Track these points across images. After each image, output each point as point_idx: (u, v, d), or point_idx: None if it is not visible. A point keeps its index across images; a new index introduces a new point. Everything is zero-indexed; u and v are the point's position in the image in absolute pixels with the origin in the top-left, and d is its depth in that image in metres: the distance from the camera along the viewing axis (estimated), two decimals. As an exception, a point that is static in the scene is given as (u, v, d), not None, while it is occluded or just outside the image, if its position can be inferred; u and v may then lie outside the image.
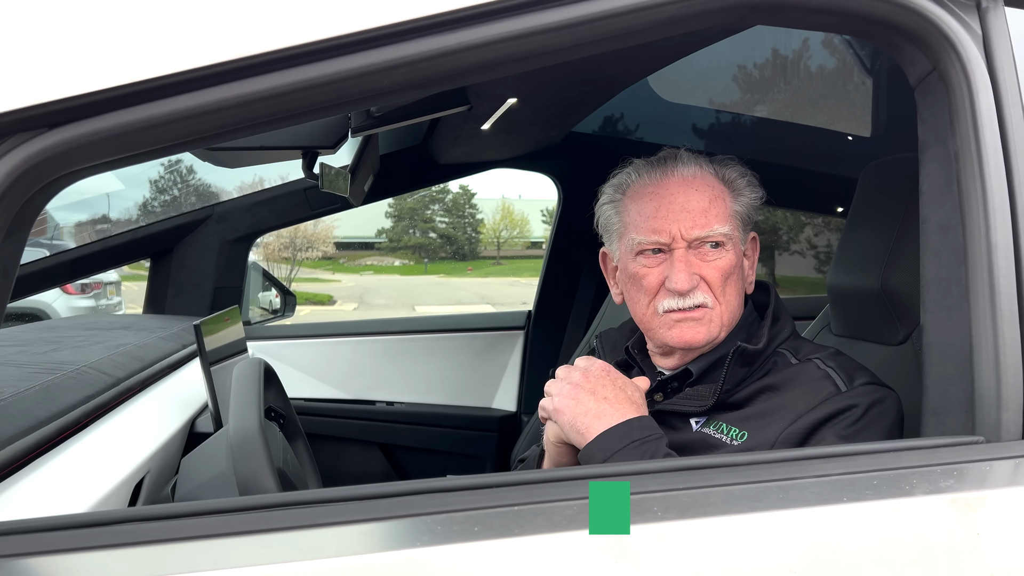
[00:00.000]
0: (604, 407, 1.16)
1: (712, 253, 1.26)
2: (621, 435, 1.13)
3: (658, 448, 1.13)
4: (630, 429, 1.13)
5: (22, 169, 0.84)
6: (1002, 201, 1.00)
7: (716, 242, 1.25)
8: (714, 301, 1.26)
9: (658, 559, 0.80)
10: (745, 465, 0.91)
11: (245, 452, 1.18)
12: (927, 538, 0.86)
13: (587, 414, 1.16)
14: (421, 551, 0.77)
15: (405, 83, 0.94)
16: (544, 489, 0.85)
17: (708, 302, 1.26)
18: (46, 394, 1.33)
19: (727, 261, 1.26)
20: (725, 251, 1.26)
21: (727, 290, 1.27)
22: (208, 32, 0.86)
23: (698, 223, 1.25)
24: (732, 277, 1.27)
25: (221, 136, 0.94)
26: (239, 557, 0.78)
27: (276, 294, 3.54)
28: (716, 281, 1.25)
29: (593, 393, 1.18)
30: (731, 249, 1.27)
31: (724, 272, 1.26)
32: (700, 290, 1.25)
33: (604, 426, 1.14)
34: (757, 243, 1.36)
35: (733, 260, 1.27)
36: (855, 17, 1.05)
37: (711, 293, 1.26)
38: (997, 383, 0.96)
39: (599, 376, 1.20)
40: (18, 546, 0.77)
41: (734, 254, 1.27)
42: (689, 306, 1.26)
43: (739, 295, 1.30)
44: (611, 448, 1.12)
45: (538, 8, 0.93)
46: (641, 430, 1.14)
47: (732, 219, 1.28)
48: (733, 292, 1.28)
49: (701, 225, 1.25)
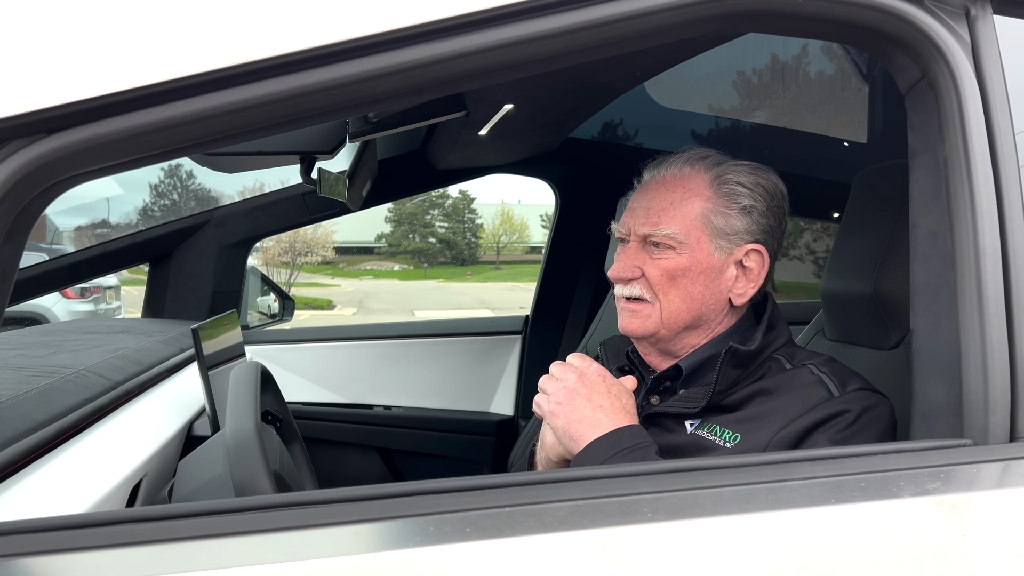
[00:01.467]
0: (599, 416, 1.19)
1: (656, 252, 1.28)
2: (611, 444, 1.15)
3: (647, 455, 1.15)
4: (619, 438, 1.16)
5: (21, 174, 0.85)
6: (990, 207, 1.01)
7: (658, 242, 1.28)
8: (652, 297, 1.29)
9: (647, 560, 0.81)
10: (734, 467, 0.92)
11: (241, 455, 1.19)
12: (914, 540, 0.87)
13: (581, 421, 1.19)
14: (414, 551, 0.78)
15: (401, 89, 0.95)
16: (535, 491, 0.86)
17: (646, 296, 1.29)
18: (44, 397, 1.34)
19: (673, 263, 1.27)
20: (674, 253, 1.27)
21: (670, 291, 1.28)
22: (205, 38, 0.87)
23: (649, 221, 1.29)
24: (682, 280, 1.27)
25: (218, 142, 0.95)
26: (234, 557, 0.79)
27: (274, 298, 3.55)
28: (656, 279, 1.28)
29: (589, 400, 1.20)
30: (683, 253, 1.27)
31: (667, 272, 1.27)
32: (639, 283, 1.29)
33: (597, 435, 1.17)
34: (762, 259, 1.30)
35: (683, 264, 1.27)
36: (845, 25, 1.06)
37: (649, 289, 1.29)
38: (984, 387, 0.98)
39: (595, 382, 1.22)
40: (16, 546, 0.78)
41: (688, 258, 1.27)
42: (627, 295, 1.31)
43: (694, 300, 1.28)
44: (601, 456, 1.14)
45: (531, 16, 0.94)
46: (631, 438, 1.16)
47: (696, 224, 1.27)
48: (680, 295, 1.28)
49: (651, 224, 1.28)
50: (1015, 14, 1.10)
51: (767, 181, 1.31)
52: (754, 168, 1.32)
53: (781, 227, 1.34)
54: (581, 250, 3.48)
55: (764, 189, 1.30)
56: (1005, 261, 1.00)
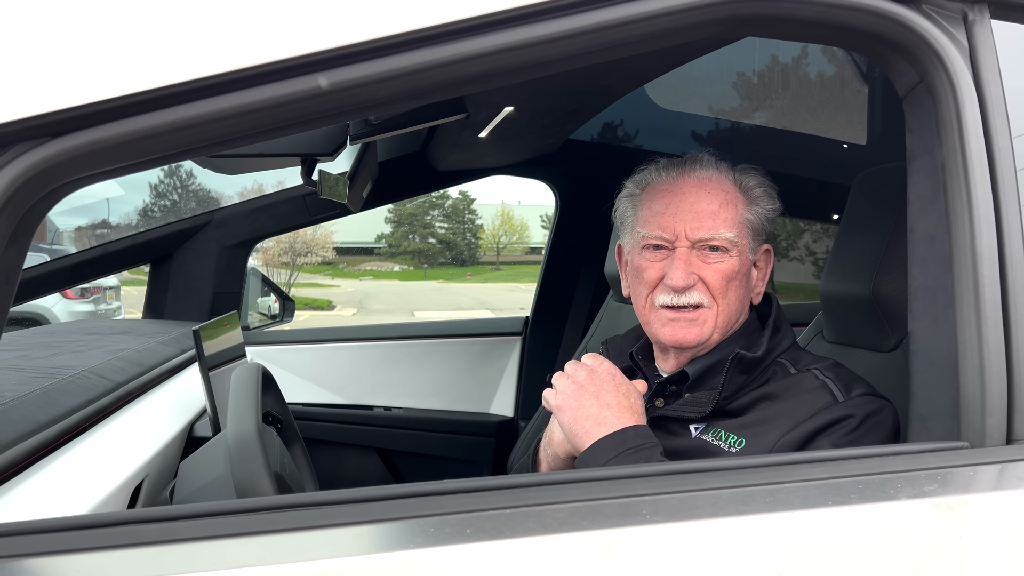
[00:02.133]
0: (605, 414, 1.19)
1: (713, 256, 1.28)
2: (616, 443, 1.16)
3: (652, 456, 1.15)
4: (625, 437, 1.16)
5: (25, 178, 0.85)
6: (987, 211, 1.02)
7: (718, 246, 1.27)
8: (711, 302, 1.28)
9: (647, 561, 0.81)
10: (733, 469, 0.93)
11: (243, 456, 1.19)
12: (911, 542, 0.88)
13: (588, 419, 1.19)
14: (414, 552, 0.79)
15: (401, 94, 0.95)
16: (535, 492, 0.87)
17: (705, 302, 1.28)
18: (46, 398, 1.35)
19: (729, 266, 1.28)
20: (728, 256, 1.28)
21: (727, 294, 1.28)
22: (207, 44, 0.88)
23: (704, 225, 1.27)
24: (734, 283, 1.29)
25: (220, 145, 0.95)
26: (235, 558, 0.79)
27: (275, 299, 3.55)
28: (715, 283, 1.27)
29: (596, 397, 1.21)
30: (735, 255, 1.28)
31: (725, 275, 1.27)
32: (697, 290, 1.28)
33: (602, 433, 1.17)
34: (771, 256, 1.37)
35: (736, 266, 1.28)
36: (844, 29, 1.06)
37: (709, 294, 1.28)
38: (982, 389, 0.98)
39: (604, 380, 1.23)
40: (18, 547, 0.78)
41: (738, 260, 1.28)
42: (684, 304, 1.28)
43: (740, 301, 1.31)
44: (606, 455, 1.15)
45: (531, 21, 0.94)
46: (636, 438, 1.16)
47: (741, 226, 1.30)
48: (734, 297, 1.29)
49: (707, 228, 1.27)
50: (1012, 19, 1.11)
51: (768, 182, 1.35)
52: (755, 170, 1.35)
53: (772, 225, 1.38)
54: (581, 251, 3.48)
55: (763, 190, 1.34)
56: (1002, 264, 1.01)
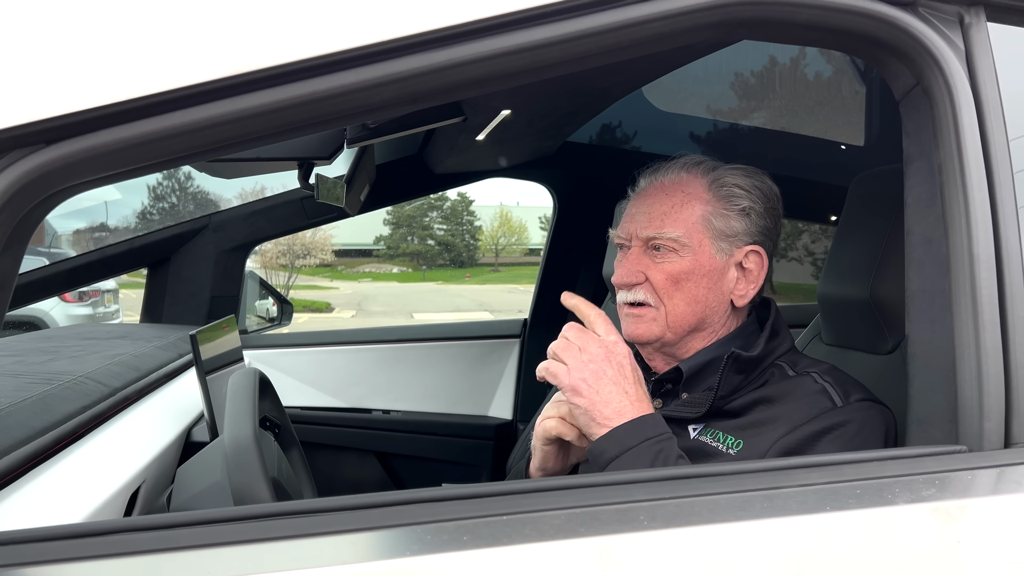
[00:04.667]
0: (625, 404, 1.15)
1: (659, 256, 1.29)
2: (637, 431, 1.13)
3: (671, 449, 1.13)
4: (644, 426, 1.13)
5: (20, 184, 0.85)
6: (984, 214, 1.02)
7: (661, 245, 1.29)
8: (657, 301, 1.29)
9: (644, 568, 0.81)
10: (731, 474, 0.93)
11: (239, 462, 1.19)
12: (909, 547, 0.88)
13: (608, 405, 1.14)
14: (411, 560, 0.78)
15: (397, 99, 0.95)
16: (532, 499, 0.87)
17: (650, 301, 1.30)
18: (43, 405, 1.34)
19: (676, 266, 1.28)
20: (677, 256, 1.28)
21: (675, 294, 1.28)
22: (202, 50, 0.88)
23: (652, 225, 1.30)
24: (686, 283, 1.28)
25: (215, 151, 0.95)
26: (232, 567, 0.79)
27: (273, 303, 3.55)
28: (659, 283, 1.29)
29: (615, 384, 1.15)
30: (687, 256, 1.28)
31: (670, 276, 1.28)
32: (643, 288, 1.30)
33: (621, 421, 1.14)
34: (762, 260, 1.32)
35: (686, 267, 1.28)
36: (840, 32, 1.06)
37: (654, 293, 1.29)
38: (979, 393, 0.98)
39: (623, 365, 1.17)
40: (13, 556, 0.78)
41: (691, 261, 1.28)
42: (631, 301, 1.31)
43: (698, 303, 1.29)
44: (627, 444, 1.12)
45: (526, 26, 0.94)
46: (655, 427, 1.14)
47: (697, 227, 1.28)
48: (686, 298, 1.28)
49: (653, 227, 1.29)
50: (1008, 21, 1.11)
51: (763, 184, 1.33)
52: (749, 171, 1.34)
53: (777, 229, 1.36)
54: (579, 254, 3.48)
55: (760, 191, 1.32)
56: (999, 268, 1.01)
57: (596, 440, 1.15)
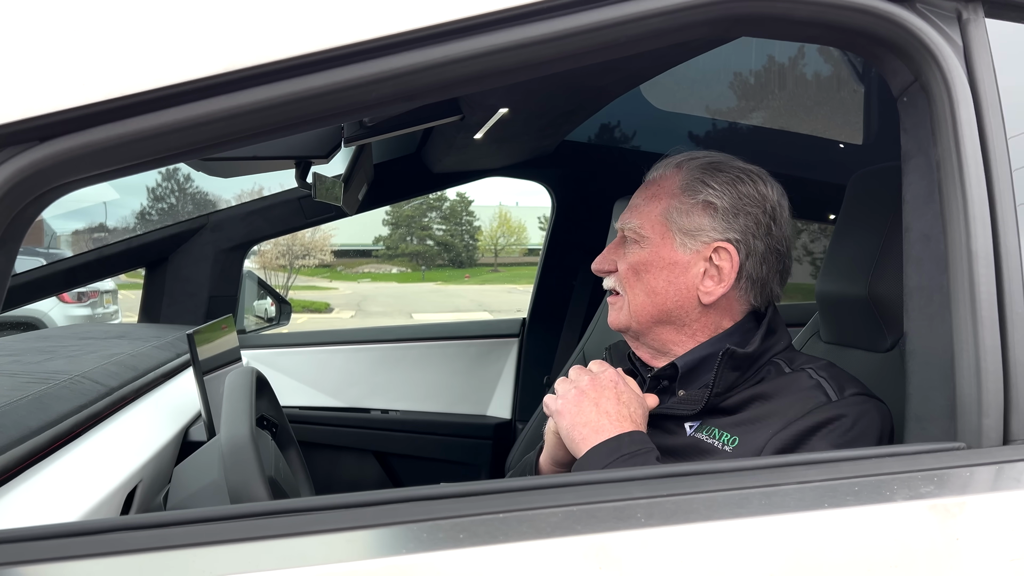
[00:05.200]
0: (603, 422, 1.20)
1: (626, 246, 1.35)
2: (611, 450, 1.16)
3: (647, 460, 1.15)
4: (619, 444, 1.16)
5: (13, 181, 0.85)
6: (982, 210, 1.01)
7: (626, 236, 1.34)
8: (622, 289, 1.34)
9: (641, 566, 0.81)
10: (728, 471, 0.92)
11: (236, 461, 1.18)
12: (907, 544, 0.87)
13: (585, 425, 1.20)
14: (407, 558, 0.78)
15: (392, 96, 0.95)
16: (529, 496, 0.86)
17: (618, 288, 1.35)
18: (39, 404, 1.34)
19: (636, 256, 1.32)
20: (639, 247, 1.32)
21: (635, 284, 1.32)
22: (195, 46, 0.87)
23: (624, 216, 1.35)
24: (646, 275, 1.31)
25: (212, 148, 0.95)
26: (228, 565, 0.78)
27: (271, 302, 3.55)
28: (623, 272, 1.34)
29: (596, 405, 1.21)
30: (647, 248, 1.31)
31: (631, 266, 1.32)
32: (612, 277, 1.36)
33: (598, 440, 1.18)
34: (731, 259, 1.28)
35: (645, 258, 1.31)
36: (838, 29, 1.06)
37: (620, 282, 1.34)
38: (978, 389, 0.98)
39: (606, 387, 1.24)
40: (11, 555, 0.78)
41: (649, 253, 1.31)
42: (606, 287, 1.37)
43: (659, 294, 1.30)
44: (601, 462, 1.15)
45: (522, 22, 0.94)
46: (631, 444, 1.16)
47: (659, 221, 1.31)
48: (641, 289, 1.31)
49: (624, 218, 1.35)
50: (1007, 17, 1.11)
51: (743, 182, 1.30)
52: (737, 170, 1.31)
53: (763, 228, 1.30)
54: (578, 253, 3.47)
55: (735, 188, 1.29)
56: (998, 264, 1.00)
57: (576, 463, 1.20)
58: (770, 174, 1.36)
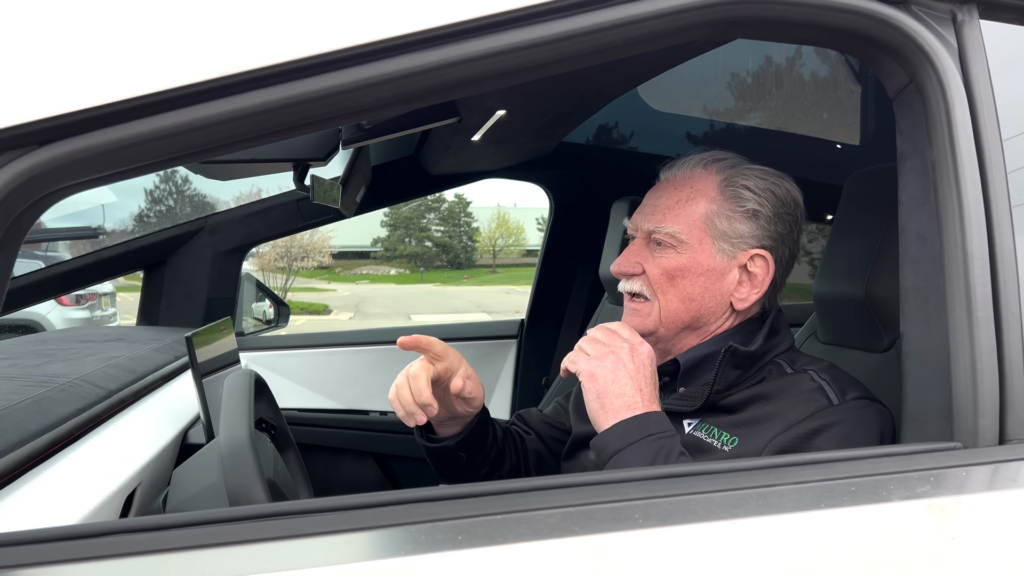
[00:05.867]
0: (636, 399, 1.17)
1: (658, 250, 1.30)
2: (640, 427, 1.14)
3: (673, 446, 1.14)
4: (648, 422, 1.15)
5: (13, 185, 0.85)
6: (977, 211, 1.02)
7: (661, 240, 1.29)
8: (651, 295, 1.30)
9: (639, 566, 0.81)
10: (726, 472, 0.93)
11: (235, 463, 1.19)
12: (903, 543, 0.88)
13: (619, 396, 1.17)
14: (406, 560, 0.78)
15: (391, 99, 0.95)
16: (526, 498, 0.87)
17: (645, 293, 1.31)
18: (38, 407, 1.34)
19: (672, 262, 1.28)
20: (675, 252, 1.28)
21: (670, 290, 1.29)
22: (194, 50, 0.88)
23: (654, 218, 1.30)
24: (682, 280, 1.28)
25: (209, 152, 0.95)
26: (228, 567, 0.79)
27: (269, 304, 3.55)
28: (655, 277, 1.29)
29: (632, 379, 1.18)
30: (684, 253, 1.28)
31: (666, 271, 1.28)
32: (639, 280, 1.31)
33: (628, 415, 1.16)
34: (767, 265, 1.30)
35: (682, 263, 1.28)
36: (833, 31, 1.07)
37: (649, 287, 1.30)
38: (974, 390, 0.99)
39: (644, 364, 1.21)
40: (11, 558, 0.78)
41: (688, 258, 1.28)
42: (628, 291, 1.32)
43: (694, 300, 1.29)
44: (629, 439, 1.13)
45: (520, 25, 0.94)
46: (658, 424, 1.15)
47: (699, 225, 1.28)
48: (681, 295, 1.29)
49: (654, 220, 1.30)
50: (1001, 19, 1.11)
51: (778, 187, 1.31)
52: (767, 173, 1.32)
53: (792, 235, 1.33)
54: (576, 254, 3.49)
55: (773, 195, 1.30)
56: (993, 265, 1.01)
57: (600, 434, 1.17)
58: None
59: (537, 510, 0.84)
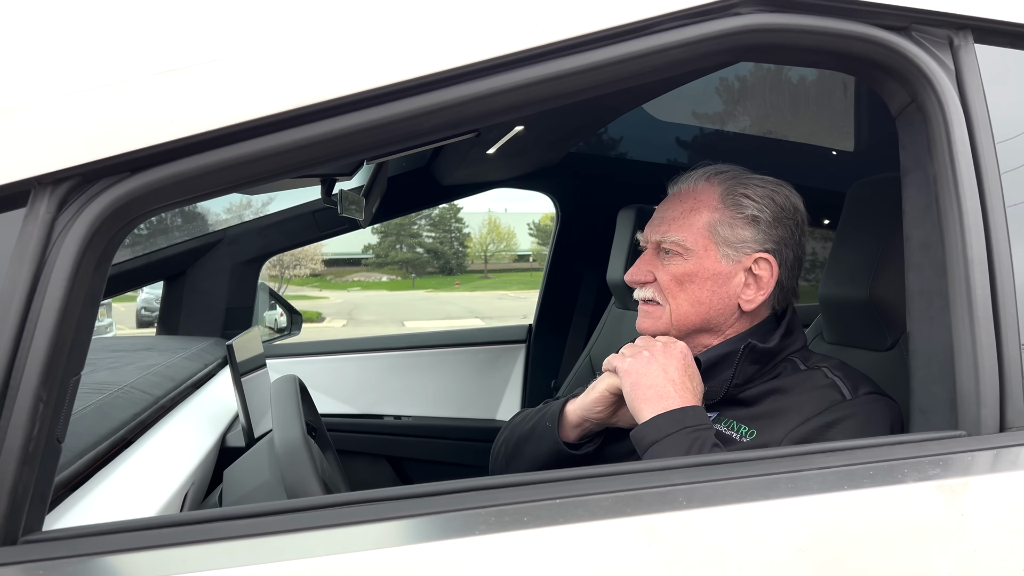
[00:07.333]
0: (668, 389, 1.25)
1: (666, 258, 1.39)
2: (676, 420, 1.22)
3: (707, 438, 1.21)
4: (684, 416, 1.22)
5: (110, 211, 0.92)
6: (976, 220, 1.10)
7: (668, 249, 1.38)
8: (663, 299, 1.39)
9: (685, 542, 0.91)
10: (757, 460, 1.02)
11: (292, 461, 1.26)
12: (918, 520, 0.97)
13: (651, 387, 1.26)
14: (480, 539, 0.87)
15: (444, 124, 1.03)
16: (582, 484, 0.95)
17: (657, 298, 1.40)
18: (101, 412, 1.43)
19: (680, 268, 1.37)
20: (682, 259, 1.37)
21: (678, 295, 1.37)
22: (269, 85, 0.95)
23: (660, 229, 1.40)
24: (690, 285, 1.36)
25: (277, 176, 1.03)
26: (286, 552, 0.86)
27: (281, 313, 3.62)
28: (664, 283, 1.38)
29: (664, 370, 1.27)
30: (691, 260, 1.36)
31: (675, 277, 1.37)
32: (651, 287, 1.40)
33: (662, 407, 1.24)
34: (771, 268, 1.37)
35: (690, 269, 1.36)
36: (841, 56, 1.14)
37: (660, 292, 1.39)
38: (976, 383, 1.07)
39: (675, 356, 1.30)
40: (128, 543, 0.86)
41: (695, 264, 1.36)
42: (641, 298, 1.42)
43: (703, 304, 1.37)
44: (665, 430, 1.21)
45: (559, 55, 1.02)
46: (695, 418, 1.23)
47: (703, 233, 1.36)
48: (690, 299, 1.37)
49: (661, 231, 1.39)
50: (994, 43, 1.18)
51: (777, 194, 1.39)
52: (766, 181, 1.40)
53: (795, 237, 1.40)
54: (582, 260, 3.56)
55: (773, 201, 1.38)
56: (991, 269, 1.09)
57: (639, 426, 1.25)
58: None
59: (592, 495, 0.93)
